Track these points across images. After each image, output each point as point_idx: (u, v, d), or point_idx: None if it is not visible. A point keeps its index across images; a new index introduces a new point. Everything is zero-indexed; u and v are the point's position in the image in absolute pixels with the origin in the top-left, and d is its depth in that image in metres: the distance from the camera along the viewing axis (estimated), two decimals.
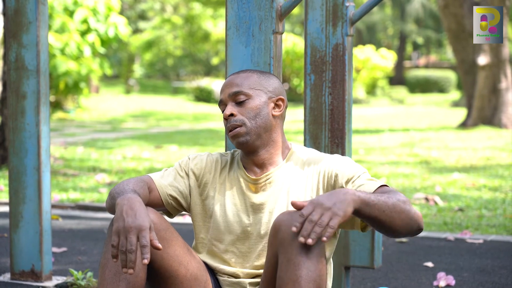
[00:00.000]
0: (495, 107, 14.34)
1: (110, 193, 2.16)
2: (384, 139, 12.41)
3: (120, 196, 2.05)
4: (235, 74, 2.31)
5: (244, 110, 2.23)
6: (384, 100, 26.65)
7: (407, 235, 2.08)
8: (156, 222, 2.13)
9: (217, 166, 2.32)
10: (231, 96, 2.25)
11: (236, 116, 2.23)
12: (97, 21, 15.20)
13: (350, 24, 3.09)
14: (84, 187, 6.82)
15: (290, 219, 2.00)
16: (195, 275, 2.19)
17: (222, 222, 2.26)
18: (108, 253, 2.08)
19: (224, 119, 2.26)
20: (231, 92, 2.25)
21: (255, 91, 2.26)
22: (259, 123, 2.24)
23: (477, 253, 4.33)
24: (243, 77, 2.28)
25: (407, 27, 34.38)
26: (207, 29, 28.89)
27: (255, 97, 2.25)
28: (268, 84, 2.29)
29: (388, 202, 2.00)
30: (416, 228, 2.05)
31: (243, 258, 2.25)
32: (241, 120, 2.23)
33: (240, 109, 2.24)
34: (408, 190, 6.76)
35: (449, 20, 14.80)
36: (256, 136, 2.24)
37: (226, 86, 2.28)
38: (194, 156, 2.34)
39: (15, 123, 3.44)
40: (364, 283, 3.67)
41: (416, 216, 2.04)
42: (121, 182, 2.17)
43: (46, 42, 3.45)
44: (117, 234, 1.95)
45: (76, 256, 4.19)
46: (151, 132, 14.34)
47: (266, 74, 2.32)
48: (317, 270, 1.97)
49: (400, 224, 2.02)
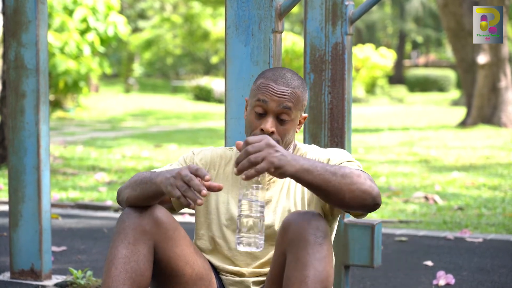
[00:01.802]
0: (494, 106, 14.34)
1: (130, 184, 2.13)
2: (383, 138, 12.42)
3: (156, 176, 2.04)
4: (284, 79, 2.20)
5: (281, 130, 2.19)
6: (384, 99, 26.64)
7: (361, 209, 2.04)
8: (164, 221, 2.12)
9: (221, 162, 2.31)
10: (279, 110, 2.18)
11: (274, 135, 2.19)
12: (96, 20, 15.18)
13: (349, 23, 3.09)
14: (84, 186, 6.81)
15: (299, 219, 2.01)
16: (201, 274, 2.19)
17: (225, 220, 2.25)
18: (115, 249, 2.07)
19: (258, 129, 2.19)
20: (282, 106, 2.17)
21: (297, 114, 2.22)
22: (286, 142, 2.23)
23: (476, 252, 4.33)
24: (294, 93, 2.19)
25: (406, 26, 34.38)
26: (207, 28, 28.88)
27: (295, 120, 2.22)
28: (305, 101, 2.26)
29: (337, 172, 1.98)
30: (370, 202, 2.01)
31: (247, 256, 2.24)
32: (277, 140, 2.18)
33: (279, 128, 2.19)
34: (407, 189, 6.76)
35: (448, 19, 14.80)
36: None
37: (277, 93, 2.18)
38: (199, 151, 2.33)
39: (15, 122, 3.44)
40: (364, 282, 3.67)
41: (370, 190, 2.00)
42: (136, 175, 2.16)
43: (45, 41, 3.45)
44: (174, 186, 1.96)
45: (75, 255, 4.19)
46: (151, 131, 14.34)
47: (305, 85, 2.26)
48: (324, 271, 1.98)
49: (349, 196, 1.99)
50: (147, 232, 2.09)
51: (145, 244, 2.09)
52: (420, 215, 5.57)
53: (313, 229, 1.99)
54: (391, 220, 5.33)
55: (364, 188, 2.00)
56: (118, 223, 2.12)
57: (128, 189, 2.14)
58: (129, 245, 2.07)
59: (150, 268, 2.09)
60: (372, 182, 2.04)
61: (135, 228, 2.08)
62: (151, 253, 2.10)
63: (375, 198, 2.02)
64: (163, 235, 2.11)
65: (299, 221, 2.00)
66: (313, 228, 1.99)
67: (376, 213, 5.53)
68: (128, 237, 2.08)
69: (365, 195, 2.00)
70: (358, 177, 2.00)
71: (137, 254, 2.07)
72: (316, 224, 2.00)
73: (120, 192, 2.19)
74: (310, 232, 1.99)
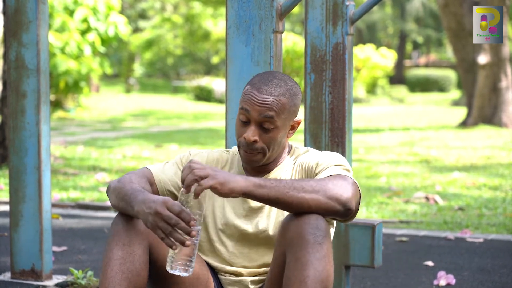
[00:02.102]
0: (495, 106, 14.34)
1: (115, 190, 2.13)
2: (384, 138, 12.41)
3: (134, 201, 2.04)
4: (268, 86, 2.17)
5: (267, 138, 2.18)
6: (384, 99, 26.64)
7: (333, 216, 2.04)
8: None
9: (217, 165, 2.32)
10: (260, 118, 2.16)
11: (258, 143, 2.18)
12: (97, 20, 15.18)
13: (350, 23, 3.09)
14: (84, 186, 6.82)
15: (298, 218, 2.01)
16: (197, 274, 2.19)
17: (220, 224, 2.26)
18: (111, 252, 2.08)
19: (242, 137, 2.18)
20: (263, 115, 2.15)
21: (283, 121, 2.18)
22: (275, 150, 2.22)
23: (477, 252, 4.33)
24: (277, 101, 2.15)
25: (407, 26, 34.37)
26: (207, 28, 28.88)
27: (281, 128, 2.19)
28: (295, 107, 2.21)
29: (294, 184, 1.99)
30: (339, 208, 2.00)
31: (243, 258, 2.25)
32: (262, 148, 2.18)
33: (264, 136, 2.17)
34: (408, 189, 6.76)
35: (449, 19, 14.80)
36: (269, 158, 2.23)
37: (258, 103, 2.15)
38: (196, 153, 2.33)
39: (15, 122, 3.44)
40: (364, 282, 3.67)
41: (337, 195, 1.99)
42: (123, 179, 2.15)
43: (46, 41, 3.45)
44: (155, 227, 1.95)
45: (76, 255, 4.19)
46: (151, 131, 14.34)
47: (295, 92, 2.21)
48: (324, 271, 1.98)
49: (315, 204, 1.98)
50: (141, 232, 2.10)
51: (140, 244, 2.09)
52: (421, 215, 5.57)
53: (312, 229, 1.99)
54: (392, 220, 5.33)
55: (330, 194, 2.00)
56: (112, 225, 2.13)
57: (113, 195, 2.15)
58: (124, 247, 2.08)
59: (146, 268, 2.10)
60: (347, 187, 2.02)
61: (129, 230, 2.09)
62: (146, 254, 2.11)
63: (345, 203, 2.00)
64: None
65: (298, 221, 2.01)
66: (312, 227, 1.99)
67: (377, 213, 5.53)
68: (122, 238, 2.09)
69: (331, 202, 2.00)
70: (324, 184, 2.00)
71: (132, 255, 2.08)
72: (316, 223, 2.00)
73: (108, 190, 2.19)
74: (310, 232, 1.99)
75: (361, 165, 8.60)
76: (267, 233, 2.22)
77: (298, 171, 2.24)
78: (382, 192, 6.53)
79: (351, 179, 2.07)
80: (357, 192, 2.07)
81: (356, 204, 2.06)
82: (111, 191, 2.17)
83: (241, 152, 2.21)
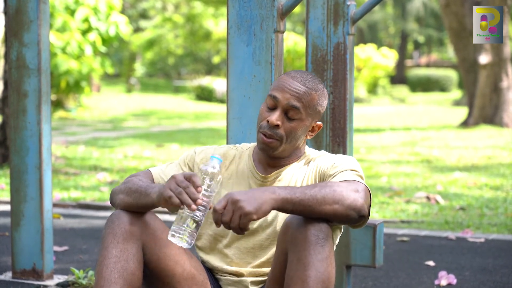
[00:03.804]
0: (496, 106, 14.34)
1: (123, 190, 2.15)
2: (385, 138, 12.41)
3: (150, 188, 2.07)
4: (303, 78, 2.20)
5: (288, 127, 2.19)
6: (385, 99, 26.64)
7: (346, 223, 2.07)
8: (152, 223, 2.15)
9: (224, 161, 2.31)
10: (288, 106, 2.18)
11: (279, 129, 2.19)
12: (98, 20, 15.19)
13: (351, 23, 3.09)
14: (86, 186, 6.82)
15: (300, 219, 2.02)
16: (192, 274, 2.19)
17: None
18: (105, 250, 2.09)
19: (265, 120, 2.20)
20: (291, 104, 2.18)
21: (308, 115, 2.21)
22: (293, 143, 2.23)
23: (478, 252, 4.33)
24: (308, 93, 2.19)
25: (408, 26, 34.36)
26: (209, 28, 28.87)
27: (305, 121, 2.21)
28: (321, 107, 2.24)
29: (317, 195, 1.99)
30: (355, 216, 2.02)
31: (247, 254, 2.25)
32: (281, 136, 2.19)
33: (286, 123, 2.19)
34: (409, 189, 6.76)
35: (450, 18, 14.79)
36: (283, 151, 2.24)
37: (290, 89, 2.18)
38: (201, 150, 2.33)
39: (17, 122, 3.44)
40: (366, 281, 3.67)
41: (353, 205, 2.00)
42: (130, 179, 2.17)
43: (47, 41, 3.45)
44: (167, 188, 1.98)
45: (77, 255, 4.19)
46: (152, 131, 14.34)
47: (324, 94, 2.25)
48: (326, 271, 1.98)
49: (333, 214, 2.00)
50: (135, 232, 2.11)
51: (134, 244, 2.10)
52: (422, 215, 5.57)
53: (315, 230, 2.00)
54: (393, 220, 5.33)
55: (348, 203, 2.00)
56: (106, 225, 2.13)
57: (122, 194, 2.15)
58: (118, 245, 2.09)
59: (140, 267, 2.11)
60: (360, 193, 2.03)
61: (123, 229, 2.10)
62: (140, 253, 2.12)
63: (359, 211, 2.02)
64: (151, 236, 2.13)
65: (301, 221, 2.01)
66: (315, 228, 2.00)
67: (378, 213, 5.53)
68: (116, 237, 2.10)
69: (349, 211, 2.01)
70: (341, 192, 2.00)
71: (126, 254, 2.09)
72: (318, 224, 2.01)
73: (114, 194, 2.20)
74: (312, 233, 1.99)
75: (362, 165, 8.60)
76: (274, 227, 2.21)
77: (313, 173, 2.24)
78: (383, 192, 6.52)
79: (364, 186, 2.09)
80: (369, 199, 2.10)
81: (369, 211, 2.09)
82: (117, 193, 2.18)
83: (259, 136, 2.21)
